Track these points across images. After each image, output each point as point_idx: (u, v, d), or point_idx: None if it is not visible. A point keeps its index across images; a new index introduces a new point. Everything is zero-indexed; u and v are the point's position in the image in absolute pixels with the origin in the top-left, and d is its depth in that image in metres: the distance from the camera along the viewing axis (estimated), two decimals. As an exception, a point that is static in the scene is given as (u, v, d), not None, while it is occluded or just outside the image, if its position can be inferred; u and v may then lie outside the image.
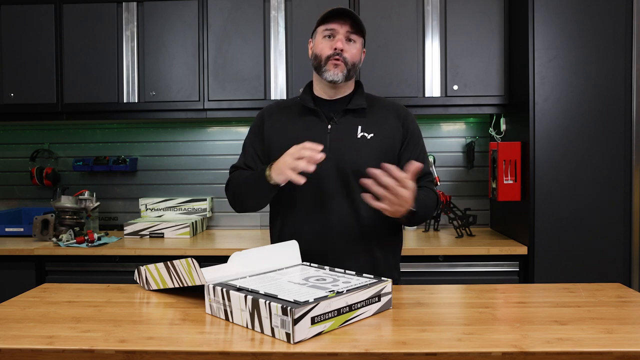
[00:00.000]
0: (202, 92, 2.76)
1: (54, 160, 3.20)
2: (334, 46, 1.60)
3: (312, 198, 1.61)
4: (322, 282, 1.28)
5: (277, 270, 1.42)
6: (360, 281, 1.26)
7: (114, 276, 2.52)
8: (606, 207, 2.37)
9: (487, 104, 2.70)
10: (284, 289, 1.20)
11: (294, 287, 1.23)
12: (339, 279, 1.30)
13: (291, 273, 1.39)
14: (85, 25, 2.79)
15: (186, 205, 3.06)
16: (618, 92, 2.36)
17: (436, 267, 2.47)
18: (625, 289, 1.43)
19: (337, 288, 1.19)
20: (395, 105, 1.74)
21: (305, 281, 1.29)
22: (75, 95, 2.80)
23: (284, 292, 1.16)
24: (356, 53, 1.63)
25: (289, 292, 1.17)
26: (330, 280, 1.29)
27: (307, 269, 1.43)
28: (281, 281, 1.29)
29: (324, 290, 1.18)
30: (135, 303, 1.38)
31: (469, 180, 3.06)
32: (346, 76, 1.62)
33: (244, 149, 1.77)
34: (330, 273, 1.37)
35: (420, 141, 1.72)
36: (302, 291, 1.18)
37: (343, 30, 1.60)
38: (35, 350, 1.05)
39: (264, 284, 1.26)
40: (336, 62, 1.60)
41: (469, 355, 1.00)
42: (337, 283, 1.25)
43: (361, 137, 1.63)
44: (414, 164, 1.39)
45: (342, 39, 1.60)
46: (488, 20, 2.66)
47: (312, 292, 1.17)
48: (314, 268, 1.44)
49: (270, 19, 2.74)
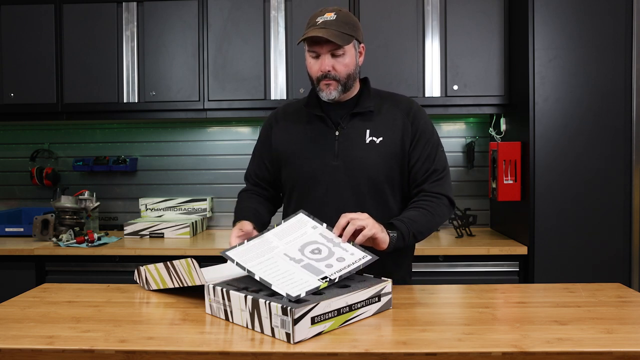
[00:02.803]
0: (202, 92, 2.76)
1: (54, 160, 3.20)
2: (321, 69, 1.55)
3: (322, 206, 1.57)
4: (318, 255, 1.29)
5: (275, 228, 1.43)
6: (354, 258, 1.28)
7: (114, 276, 2.52)
8: (606, 207, 2.37)
9: (487, 104, 2.70)
10: (278, 271, 1.23)
11: (288, 267, 1.24)
12: (334, 250, 1.31)
13: (288, 236, 1.38)
14: (85, 25, 2.79)
15: (186, 205, 3.06)
16: (618, 92, 2.36)
17: (436, 267, 2.47)
18: (625, 289, 1.43)
19: (331, 272, 1.22)
20: (405, 102, 1.67)
21: (301, 255, 1.29)
22: (75, 95, 2.80)
23: (277, 277, 1.19)
24: (348, 63, 1.56)
25: (282, 277, 1.20)
26: (325, 254, 1.30)
27: (304, 228, 1.41)
28: (277, 253, 1.31)
29: (317, 276, 1.20)
30: (135, 303, 1.38)
31: (469, 180, 3.06)
32: (342, 91, 1.58)
33: (253, 157, 1.77)
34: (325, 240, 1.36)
35: (432, 138, 1.63)
36: (294, 278, 1.20)
37: (325, 50, 1.54)
38: (35, 350, 1.05)
39: (260, 259, 1.29)
40: (328, 83, 1.56)
41: (469, 355, 1.00)
42: (331, 260, 1.27)
43: (370, 141, 1.59)
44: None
45: (326, 59, 1.54)
46: (488, 20, 2.66)
47: (305, 278, 1.19)
48: (311, 225, 1.42)
49: (270, 19, 2.74)
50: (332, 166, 1.58)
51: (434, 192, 1.58)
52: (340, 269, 1.24)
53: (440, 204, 1.57)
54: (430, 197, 1.57)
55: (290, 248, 1.33)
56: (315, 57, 1.56)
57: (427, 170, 1.59)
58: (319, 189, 1.58)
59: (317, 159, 1.60)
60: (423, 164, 1.60)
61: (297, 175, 1.63)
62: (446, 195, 1.60)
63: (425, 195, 1.57)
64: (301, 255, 1.29)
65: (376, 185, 1.58)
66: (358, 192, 1.58)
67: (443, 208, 1.58)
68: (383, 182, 1.59)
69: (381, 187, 1.59)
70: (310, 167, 1.60)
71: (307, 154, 1.62)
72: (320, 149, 1.60)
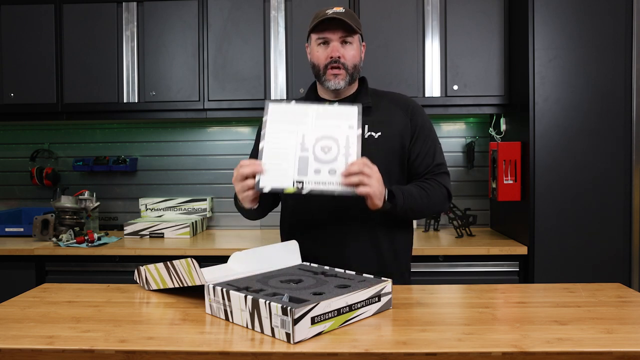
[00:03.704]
0: (202, 92, 2.76)
1: (54, 160, 3.20)
2: (330, 54, 1.56)
3: (320, 201, 1.57)
4: (322, 154, 1.37)
5: (325, 107, 1.46)
6: (339, 180, 1.35)
7: (114, 276, 2.52)
8: (606, 206, 2.37)
9: (487, 104, 2.70)
10: (278, 150, 1.36)
11: (289, 150, 1.36)
12: (337, 159, 1.37)
13: (325, 120, 1.42)
14: (85, 25, 2.79)
15: (186, 205, 3.06)
16: (618, 92, 2.36)
17: (436, 267, 2.47)
18: (625, 289, 1.43)
19: (308, 180, 1.32)
20: (403, 99, 1.69)
21: (309, 145, 1.38)
22: (75, 95, 2.80)
23: (272, 159, 1.34)
24: (355, 54, 1.59)
25: (275, 160, 1.34)
26: (329, 157, 1.37)
27: (342, 120, 1.43)
28: (300, 130, 1.40)
29: (298, 176, 1.33)
30: (135, 303, 1.38)
31: (469, 180, 3.06)
32: (349, 81, 1.60)
33: (251, 155, 1.77)
34: (343, 144, 1.39)
35: (431, 134, 1.66)
36: (281, 166, 1.34)
37: (336, 36, 1.56)
38: (35, 350, 1.05)
39: (286, 127, 1.39)
40: (336, 72, 1.57)
41: (469, 355, 1.00)
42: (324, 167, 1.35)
43: (368, 137, 1.60)
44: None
45: (336, 45, 1.56)
46: (488, 20, 2.66)
47: (288, 174, 1.32)
48: (348, 124, 1.43)
49: (270, 19, 2.74)
50: None
51: (437, 180, 1.61)
52: (318, 182, 1.32)
53: (439, 191, 1.61)
54: (433, 182, 1.60)
55: (311, 133, 1.39)
56: (324, 43, 1.58)
57: (428, 165, 1.62)
58: None
59: None
60: (423, 160, 1.62)
61: None
62: (447, 187, 1.63)
63: (429, 179, 1.60)
64: (310, 146, 1.36)
65: None
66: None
67: (441, 196, 1.61)
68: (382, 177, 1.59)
69: None
70: None
71: None
72: None
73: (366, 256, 1.60)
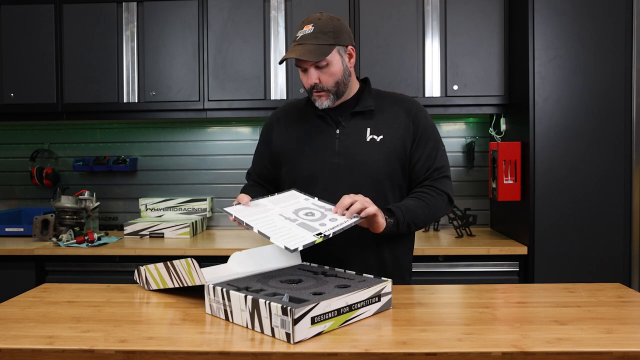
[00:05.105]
0: (202, 92, 2.76)
1: (54, 160, 3.20)
2: (308, 82, 1.58)
3: None
4: (311, 217, 1.36)
5: (269, 197, 1.51)
6: (344, 218, 1.35)
7: (114, 276, 2.52)
8: (606, 207, 2.37)
9: (487, 104, 2.70)
10: (275, 227, 1.30)
11: (284, 224, 1.31)
12: (326, 214, 1.38)
13: (282, 203, 1.46)
14: (85, 25, 2.79)
15: (186, 205, 3.06)
16: (618, 92, 2.36)
17: (436, 267, 2.47)
18: (625, 289, 1.43)
19: (324, 229, 1.28)
20: (406, 101, 1.67)
21: (295, 216, 1.36)
22: (75, 95, 2.80)
23: (274, 232, 1.26)
24: (334, 72, 1.56)
25: (279, 231, 1.27)
26: (318, 216, 1.36)
27: (297, 199, 1.49)
28: (273, 213, 1.38)
29: (312, 232, 1.26)
30: (135, 303, 1.38)
31: (469, 180, 3.06)
32: (334, 99, 1.60)
33: (255, 157, 1.79)
34: (318, 207, 1.43)
35: (433, 137, 1.64)
36: (291, 232, 1.26)
37: (309, 64, 1.56)
38: (35, 350, 1.05)
39: (257, 216, 1.36)
40: (318, 95, 1.59)
41: (469, 355, 1.00)
42: (324, 221, 1.33)
43: (370, 139, 1.59)
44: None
45: (312, 72, 1.56)
46: (488, 20, 2.66)
47: (301, 234, 1.25)
48: (303, 198, 1.50)
49: (270, 19, 2.74)
50: (332, 164, 1.59)
51: (435, 187, 1.60)
52: (334, 226, 1.31)
53: (439, 199, 1.59)
54: (431, 190, 1.59)
55: (285, 210, 1.40)
56: (303, 70, 1.59)
57: (429, 168, 1.61)
58: (318, 187, 1.58)
59: (318, 156, 1.61)
60: (425, 163, 1.61)
61: (297, 172, 1.63)
62: (446, 192, 1.61)
63: (427, 187, 1.59)
64: (295, 216, 1.36)
65: (376, 183, 1.58)
66: (357, 189, 1.57)
67: (441, 203, 1.60)
68: (383, 180, 1.59)
69: (381, 185, 1.59)
70: (310, 165, 1.61)
71: (308, 152, 1.62)
72: (321, 147, 1.61)
73: (367, 261, 1.60)
